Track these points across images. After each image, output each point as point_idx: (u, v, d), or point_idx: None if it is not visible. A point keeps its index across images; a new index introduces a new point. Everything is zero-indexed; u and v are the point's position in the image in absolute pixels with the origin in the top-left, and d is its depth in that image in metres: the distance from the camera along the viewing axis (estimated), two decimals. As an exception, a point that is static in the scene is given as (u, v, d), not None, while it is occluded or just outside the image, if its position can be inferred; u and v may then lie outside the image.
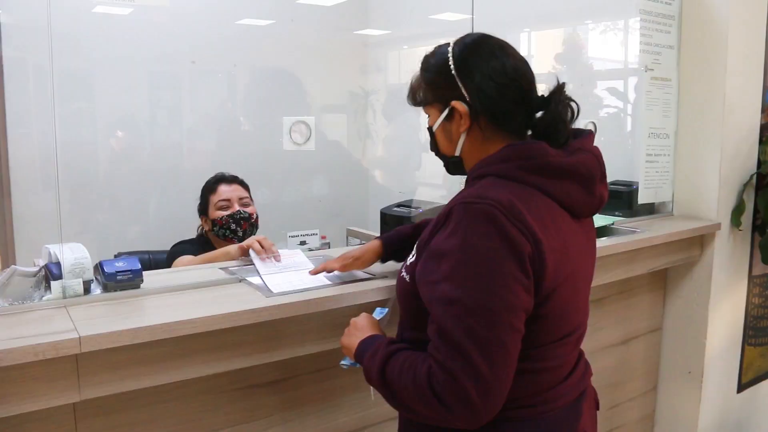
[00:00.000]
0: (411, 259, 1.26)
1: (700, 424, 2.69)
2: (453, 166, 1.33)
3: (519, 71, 1.24)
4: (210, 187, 2.44)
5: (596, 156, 1.27)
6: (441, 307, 1.10)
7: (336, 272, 1.66)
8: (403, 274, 1.28)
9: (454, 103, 1.24)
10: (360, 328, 1.34)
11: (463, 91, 1.23)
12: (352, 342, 1.31)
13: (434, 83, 1.28)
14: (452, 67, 1.24)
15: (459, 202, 1.14)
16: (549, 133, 1.25)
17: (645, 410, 2.79)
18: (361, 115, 3.90)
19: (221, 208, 2.37)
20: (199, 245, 2.40)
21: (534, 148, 1.20)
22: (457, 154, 1.29)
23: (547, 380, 1.23)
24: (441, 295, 1.10)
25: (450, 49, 1.26)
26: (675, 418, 2.76)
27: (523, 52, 1.27)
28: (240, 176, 2.51)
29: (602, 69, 3.39)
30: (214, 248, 2.39)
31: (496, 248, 1.08)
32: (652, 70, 2.56)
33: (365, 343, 1.27)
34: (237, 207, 2.37)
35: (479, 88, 1.22)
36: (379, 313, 1.44)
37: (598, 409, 1.42)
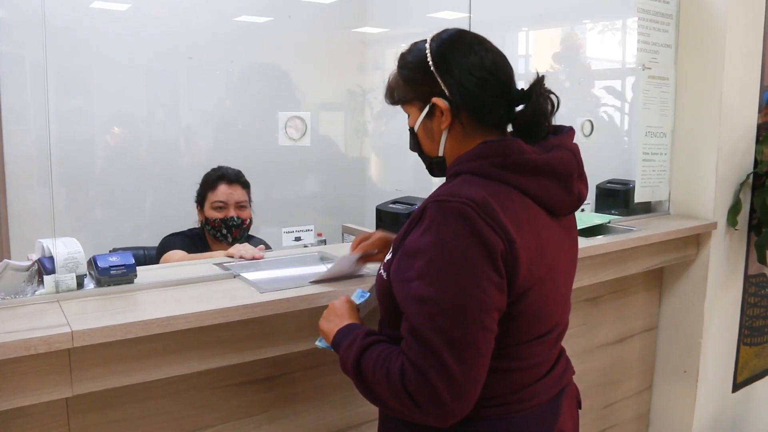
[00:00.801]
0: (388, 256, 1.25)
1: (695, 423, 2.69)
2: (437, 166, 1.31)
3: (498, 65, 1.23)
4: (210, 183, 2.42)
5: (574, 153, 1.26)
6: (413, 305, 1.09)
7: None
8: (381, 271, 1.26)
9: (434, 99, 1.22)
10: (339, 314, 1.33)
11: (443, 87, 1.22)
12: (331, 328, 1.30)
13: (413, 80, 1.26)
14: (431, 63, 1.23)
15: (433, 200, 1.13)
16: (530, 127, 1.24)
17: (640, 409, 2.79)
18: (359, 113, 3.89)
19: (216, 209, 2.37)
20: (190, 238, 2.41)
21: (510, 145, 1.18)
22: (440, 153, 1.28)
23: (523, 379, 1.22)
24: (413, 293, 1.10)
25: (427, 45, 1.25)
26: (670, 417, 2.76)
27: (520, 51, 1.27)
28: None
29: (600, 68, 3.39)
30: (206, 242, 2.40)
31: (469, 247, 1.07)
32: (650, 68, 2.56)
33: (342, 333, 1.26)
34: (232, 212, 2.37)
35: (459, 83, 1.21)
36: (359, 296, 1.41)
37: (579, 408, 1.41)
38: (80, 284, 1.47)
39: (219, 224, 2.35)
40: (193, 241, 2.39)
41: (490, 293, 1.08)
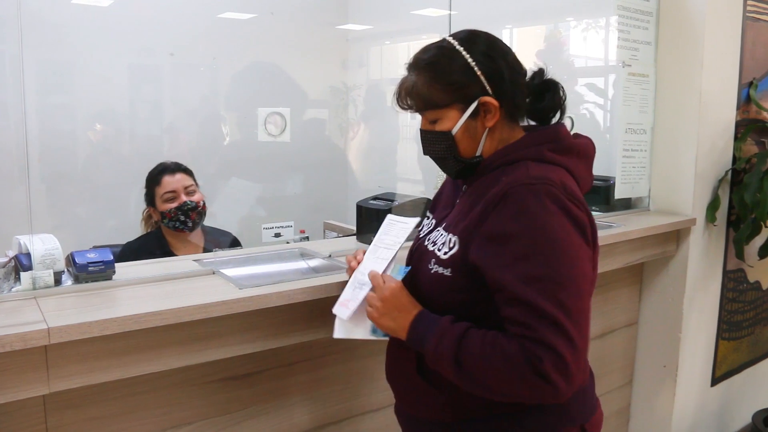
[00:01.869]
0: (449, 251, 1.24)
1: (674, 417, 2.72)
2: (471, 168, 1.31)
3: (519, 59, 1.32)
4: (154, 179, 2.44)
5: (590, 139, 1.36)
6: (524, 286, 1.11)
7: None
8: (438, 269, 1.25)
9: (484, 99, 1.25)
10: (400, 307, 1.26)
11: (487, 85, 1.25)
12: (399, 324, 1.24)
13: (454, 83, 1.26)
14: (473, 63, 1.25)
15: (514, 184, 1.16)
16: (549, 116, 1.33)
17: (621, 403, 2.81)
18: (343, 110, 3.89)
19: (168, 200, 2.38)
20: (148, 241, 2.42)
21: (559, 131, 1.28)
22: (478, 153, 1.29)
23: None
24: (522, 274, 1.12)
25: (459, 47, 1.26)
26: (650, 411, 2.78)
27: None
28: (219, 168, 2.51)
29: (583, 66, 3.41)
30: (166, 241, 2.40)
31: (564, 224, 1.14)
32: (630, 66, 2.58)
33: (420, 326, 1.22)
34: (183, 198, 2.38)
35: (510, 80, 1.26)
36: (402, 273, 1.32)
37: None
38: (58, 281, 1.47)
39: (175, 213, 2.36)
40: (157, 243, 2.40)
41: (588, 265, 1.17)
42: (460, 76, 1.25)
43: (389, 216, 1.49)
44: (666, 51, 2.64)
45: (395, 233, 1.41)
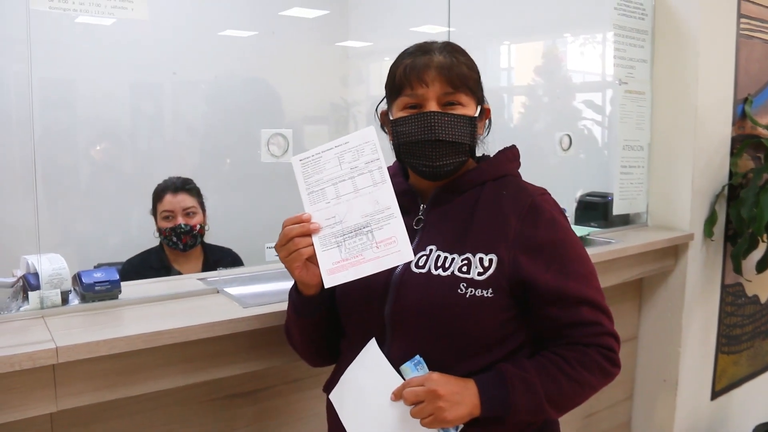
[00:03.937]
0: (486, 271, 1.16)
1: (675, 431, 2.72)
2: (459, 167, 1.25)
3: None
4: (158, 195, 2.49)
5: None
6: (583, 286, 1.20)
7: None
8: (476, 292, 1.15)
9: (487, 105, 1.30)
10: (457, 390, 1.14)
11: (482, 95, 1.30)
12: (470, 404, 1.13)
13: (478, 80, 1.27)
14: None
15: (536, 195, 1.22)
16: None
17: (621, 418, 2.82)
18: (343, 127, 3.92)
19: (165, 219, 2.43)
20: (149, 258, 2.46)
21: (518, 152, 1.33)
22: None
23: None
24: (578, 273, 1.20)
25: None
26: (650, 425, 2.79)
27: (502, 64, 1.33)
28: (221, 186, 2.53)
29: (581, 82, 3.44)
30: (166, 256, 2.44)
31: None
32: (626, 83, 2.62)
33: (488, 393, 1.14)
34: (180, 219, 2.42)
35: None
36: (417, 366, 1.17)
37: None
38: (65, 300, 1.48)
39: (169, 233, 2.41)
40: (154, 259, 2.44)
41: None
42: (478, 76, 1.28)
43: (296, 158, 1.24)
44: (662, 69, 2.68)
45: (340, 161, 1.20)
